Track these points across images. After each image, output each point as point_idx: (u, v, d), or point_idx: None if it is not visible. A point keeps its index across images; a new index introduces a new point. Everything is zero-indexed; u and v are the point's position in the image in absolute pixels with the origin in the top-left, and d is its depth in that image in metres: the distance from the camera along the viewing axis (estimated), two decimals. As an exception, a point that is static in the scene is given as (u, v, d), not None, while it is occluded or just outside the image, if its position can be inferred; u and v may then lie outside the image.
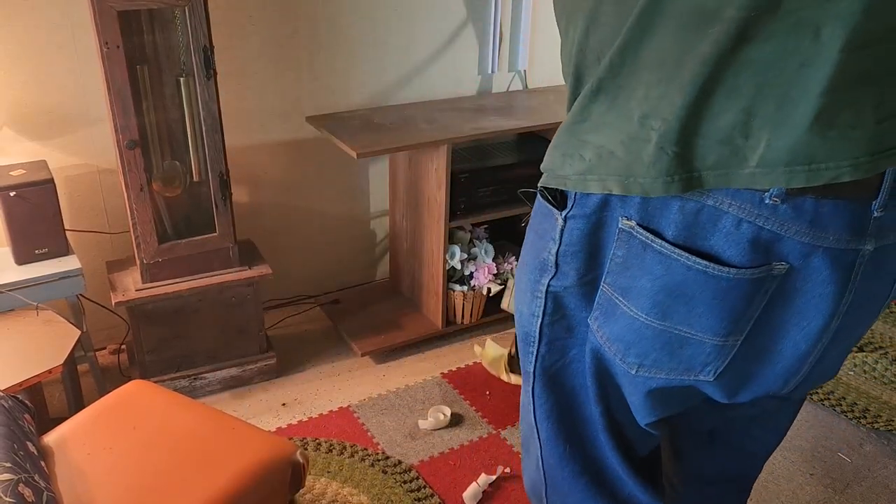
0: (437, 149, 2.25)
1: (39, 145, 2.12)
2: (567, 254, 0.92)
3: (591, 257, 0.91)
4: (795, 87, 0.73)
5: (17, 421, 1.38)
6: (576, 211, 0.89)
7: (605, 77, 0.82)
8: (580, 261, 0.92)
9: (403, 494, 1.87)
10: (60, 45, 2.04)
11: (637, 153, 0.80)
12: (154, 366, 2.15)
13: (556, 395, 1.04)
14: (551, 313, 0.98)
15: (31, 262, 1.98)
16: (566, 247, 0.91)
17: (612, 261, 0.88)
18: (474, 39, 2.66)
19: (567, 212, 0.90)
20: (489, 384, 2.31)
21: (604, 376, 0.98)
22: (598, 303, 0.92)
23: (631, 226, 0.85)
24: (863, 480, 1.97)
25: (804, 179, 0.75)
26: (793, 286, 0.83)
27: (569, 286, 0.94)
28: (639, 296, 0.87)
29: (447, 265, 2.41)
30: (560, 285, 0.95)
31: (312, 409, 2.19)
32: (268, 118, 2.41)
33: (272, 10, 2.29)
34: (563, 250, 0.92)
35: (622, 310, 0.90)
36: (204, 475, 1.37)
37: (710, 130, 0.77)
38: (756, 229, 0.79)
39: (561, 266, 0.93)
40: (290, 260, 2.63)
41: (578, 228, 0.90)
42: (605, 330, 0.93)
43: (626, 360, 0.92)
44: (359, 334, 2.46)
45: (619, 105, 0.82)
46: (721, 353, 0.87)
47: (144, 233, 2.01)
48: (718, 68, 0.74)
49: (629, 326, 0.90)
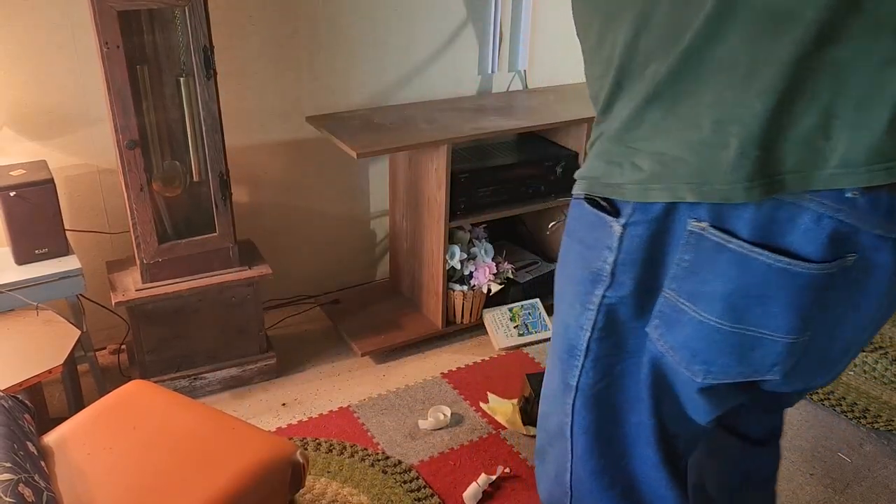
0: (437, 149, 2.25)
1: (39, 145, 2.12)
2: (626, 262, 0.89)
3: (652, 264, 0.88)
4: (875, 87, 0.73)
5: (17, 421, 1.38)
6: (637, 217, 0.86)
7: (665, 82, 0.80)
8: (639, 268, 0.89)
9: (403, 494, 1.87)
10: (60, 45, 2.04)
11: (712, 159, 0.79)
12: (154, 366, 2.15)
13: (599, 411, 1.01)
14: (602, 327, 0.95)
15: (31, 262, 1.98)
16: (626, 255, 0.89)
17: (678, 266, 0.86)
18: (474, 39, 2.66)
19: (627, 219, 0.87)
20: (489, 384, 2.31)
21: (662, 386, 0.96)
22: (659, 311, 0.90)
23: (702, 227, 0.83)
24: (863, 480, 1.97)
25: (883, 177, 0.75)
26: (854, 279, 0.83)
27: (625, 296, 0.91)
28: (710, 299, 0.85)
29: (447, 265, 2.41)
30: (615, 296, 0.92)
31: (312, 409, 2.19)
32: (268, 118, 2.41)
33: (272, 10, 2.29)
34: (623, 259, 0.89)
35: (689, 316, 0.87)
36: (204, 475, 1.37)
37: (791, 134, 0.76)
38: (836, 223, 0.79)
39: (618, 276, 0.90)
40: (290, 260, 2.63)
41: (639, 235, 0.87)
42: (669, 338, 0.90)
43: (692, 367, 0.90)
44: (359, 334, 2.46)
45: (682, 111, 0.80)
46: (792, 352, 0.87)
47: (144, 233, 2.01)
48: (799, 71, 0.74)
49: (697, 333, 0.88)
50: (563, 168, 2.51)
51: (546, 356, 2.45)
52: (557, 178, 2.52)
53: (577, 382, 1.00)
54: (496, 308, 2.55)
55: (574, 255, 0.96)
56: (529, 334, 2.53)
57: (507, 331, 2.52)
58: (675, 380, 0.94)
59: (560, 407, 1.05)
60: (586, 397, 1.00)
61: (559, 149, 2.56)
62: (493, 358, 2.45)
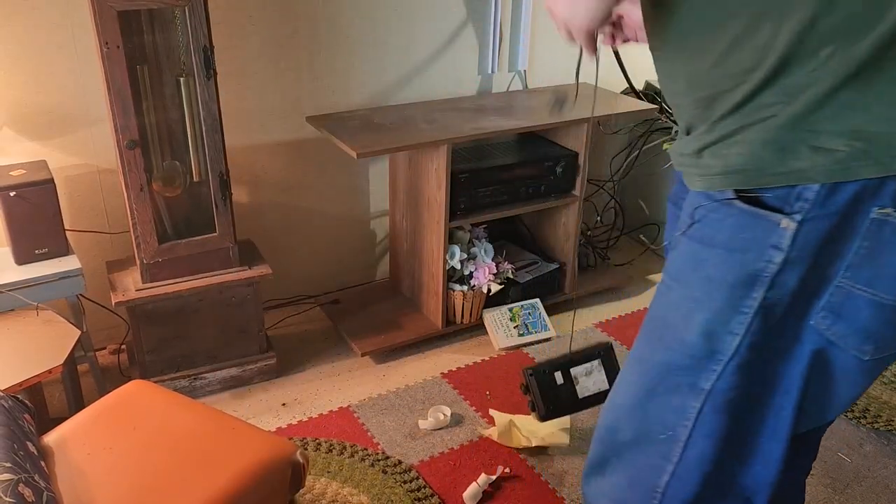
0: (437, 149, 2.25)
1: (39, 145, 2.12)
2: (796, 260, 0.87)
3: (823, 258, 0.87)
4: None
5: (17, 421, 1.38)
6: (816, 212, 0.85)
7: (868, 60, 0.80)
8: (808, 265, 0.87)
9: (403, 494, 1.87)
10: (60, 45, 2.04)
11: None
12: (154, 366, 2.15)
13: (730, 416, 0.99)
14: (756, 331, 0.93)
15: (31, 262, 1.98)
16: (798, 252, 0.87)
17: (856, 254, 0.86)
18: (474, 39, 2.66)
19: (804, 214, 0.85)
20: (489, 384, 2.31)
21: (818, 376, 0.95)
22: (829, 301, 0.90)
23: (887, 213, 0.83)
24: (863, 480, 1.97)
25: None
26: None
27: (785, 294, 0.90)
28: (890, 280, 0.86)
29: (447, 265, 2.41)
30: (775, 296, 0.90)
31: (312, 409, 2.19)
32: (268, 118, 2.41)
33: (272, 10, 2.29)
34: (795, 256, 0.87)
35: (866, 300, 0.88)
36: (204, 475, 1.37)
37: None
38: None
39: (783, 275, 0.88)
40: (290, 260, 2.63)
41: (818, 229, 0.85)
42: (840, 326, 0.90)
43: (863, 347, 0.91)
44: (359, 334, 2.46)
45: (883, 87, 0.80)
46: None
47: (144, 233, 2.01)
48: None
49: (873, 315, 0.88)
50: (563, 168, 2.51)
51: (547, 356, 2.45)
52: (557, 178, 2.52)
53: (711, 386, 0.97)
54: (496, 308, 2.55)
55: (716, 260, 0.92)
56: (529, 334, 2.53)
57: (507, 331, 2.52)
58: (838, 364, 0.94)
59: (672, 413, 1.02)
60: (720, 401, 0.98)
61: (559, 149, 2.56)
62: (493, 358, 2.45)
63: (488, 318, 2.53)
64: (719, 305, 0.93)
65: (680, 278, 1.00)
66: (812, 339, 0.93)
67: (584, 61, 2.75)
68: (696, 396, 0.99)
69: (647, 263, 3.07)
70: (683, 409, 1.00)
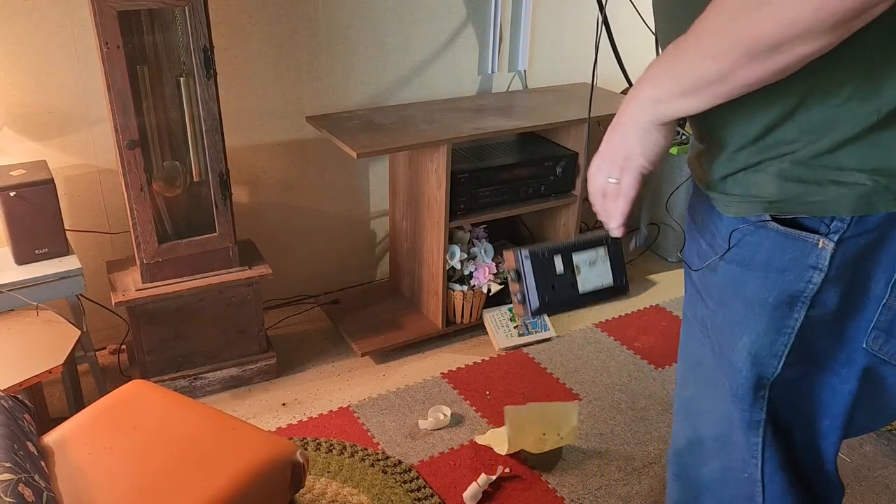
0: (437, 149, 2.25)
1: (39, 145, 2.12)
2: (836, 278, 0.87)
3: (863, 275, 0.87)
4: None
5: (17, 421, 1.38)
6: (853, 231, 0.84)
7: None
8: (848, 282, 0.87)
9: (403, 494, 1.87)
10: (61, 45, 2.05)
11: None
12: (154, 366, 2.15)
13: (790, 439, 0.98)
14: (797, 349, 0.92)
15: (31, 262, 1.98)
16: (837, 271, 0.86)
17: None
18: (474, 39, 2.66)
19: (840, 233, 0.85)
20: (489, 384, 2.31)
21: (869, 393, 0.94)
22: (879, 321, 0.89)
23: None
24: (863, 480, 1.97)
25: None
26: None
27: (826, 313, 0.89)
28: None
29: (447, 265, 2.41)
30: (817, 314, 0.90)
31: (312, 409, 2.19)
32: (268, 118, 2.41)
33: (272, 10, 2.29)
34: (834, 275, 0.86)
35: None
36: (204, 475, 1.37)
37: None
38: None
39: (823, 293, 0.88)
40: (290, 260, 2.63)
41: (857, 246, 0.85)
42: (892, 344, 0.90)
43: None
44: (359, 334, 2.46)
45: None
46: None
47: (144, 233, 2.01)
48: None
49: None
50: (563, 168, 2.51)
51: (547, 357, 2.46)
52: (557, 177, 2.52)
53: (764, 416, 0.97)
54: (496, 308, 2.55)
55: (757, 283, 0.92)
56: (529, 334, 2.53)
57: (507, 331, 2.52)
58: (888, 383, 0.94)
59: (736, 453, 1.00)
60: (775, 429, 0.97)
61: (559, 149, 2.56)
62: (493, 358, 2.45)
63: (488, 318, 2.53)
64: (762, 327, 0.93)
65: (722, 302, 0.98)
66: (861, 358, 0.92)
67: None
68: (755, 430, 0.98)
69: (647, 263, 3.07)
70: (747, 446, 0.99)
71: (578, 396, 2.26)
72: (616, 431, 2.12)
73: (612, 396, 2.27)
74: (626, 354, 2.48)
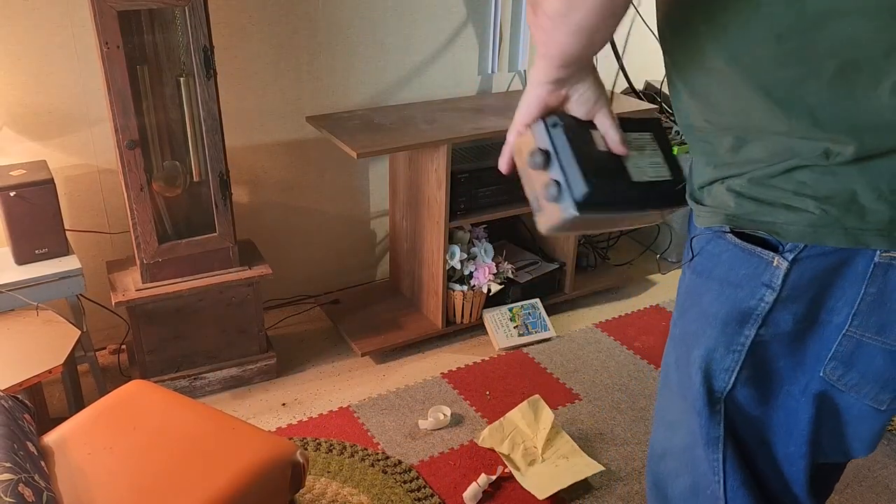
0: (437, 149, 2.25)
1: (39, 145, 2.12)
2: (789, 299, 0.84)
3: (820, 298, 0.84)
4: None
5: (17, 421, 1.38)
6: (810, 251, 0.81)
7: None
8: (804, 305, 0.84)
9: (403, 494, 1.87)
10: (61, 45, 2.05)
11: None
12: (154, 366, 2.15)
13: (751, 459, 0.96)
14: (750, 366, 0.89)
15: (31, 262, 1.98)
16: (790, 291, 0.83)
17: (863, 300, 0.82)
18: (474, 39, 2.66)
19: (796, 253, 0.82)
20: (489, 384, 2.31)
21: (827, 421, 0.92)
22: (837, 351, 0.86)
23: (893, 257, 0.79)
24: (863, 480, 1.97)
25: None
26: None
27: (780, 334, 0.87)
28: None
29: (447, 265, 2.41)
30: (769, 334, 0.87)
31: (312, 409, 2.19)
32: (268, 118, 2.41)
33: (272, 10, 2.29)
34: (786, 296, 0.84)
35: (877, 349, 0.84)
36: (204, 475, 1.37)
37: None
38: None
39: (775, 314, 0.85)
40: (290, 260, 2.63)
41: (813, 268, 0.82)
42: (852, 376, 0.87)
43: (879, 397, 0.87)
44: (359, 334, 2.46)
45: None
46: None
47: (144, 233, 2.01)
48: None
49: (889, 364, 0.85)
50: (563, 168, 2.51)
51: (547, 356, 2.46)
52: (557, 178, 2.51)
53: (722, 432, 0.94)
54: (496, 308, 2.55)
55: (712, 295, 0.90)
56: (529, 334, 2.53)
57: (507, 331, 2.52)
58: (852, 411, 0.91)
59: (699, 467, 0.98)
60: (734, 448, 0.95)
61: (559, 149, 2.55)
62: (493, 358, 2.45)
63: (488, 318, 2.53)
64: (713, 342, 0.91)
65: (682, 311, 0.97)
66: (818, 386, 0.90)
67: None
68: (715, 446, 0.96)
69: (647, 263, 3.07)
70: (709, 461, 0.97)
71: (578, 396, 2.26)
72: (616, 431, 2.12)
73: (612, 396, 2.27)
74: (626, 354, 2.48)
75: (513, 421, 2.04)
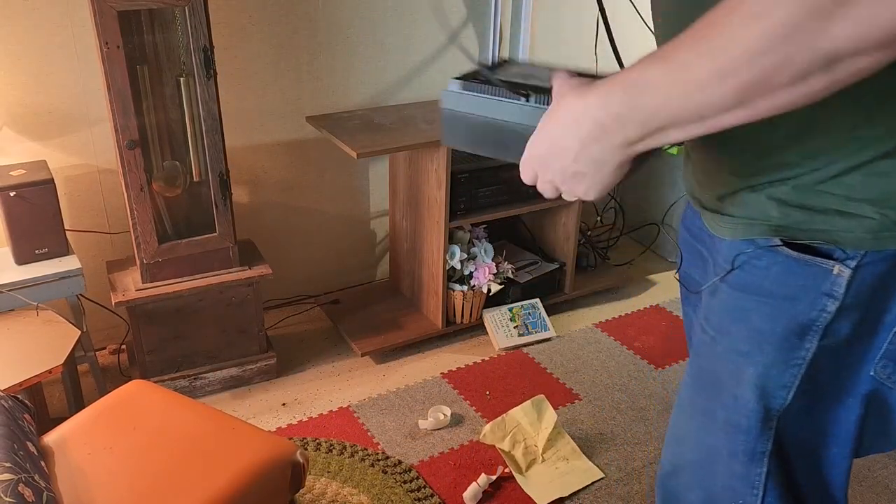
0: (437, 149, 2.25)
1: (39, 145, 2.12)
2: (851, 307, 0.82)
3: (879, 303, 0.83)
4: None
5: (17, 421, 1.38)
6: (871, 257, 0.79)
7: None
8: (863, 311, 0.83)
9: (403, 494, 1.87)
10: (61, 45, 2.04)
11: None
12: (154, 366, 2.15)
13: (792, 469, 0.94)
14: (808, 383, 0.87)
15: (31, 262, 1.98)
16: (853, 298, 0.81)
17: None
18: (474, 39, 2.66)
19: (858, 260, 0.79)
20: (489, 384, 2.31)
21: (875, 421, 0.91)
22: (889, 349, 0.85)
23: None
24: (863, 480, 1.97)
25: None
26: None
27: (839, 341, 0.85)
28: None
29: (447, 265, 2.41)
30: (829, 344, 0.85)
31: (312, 409, 2.19)
32: (268, 118, 2.41)
33: (272, 10, 2.29)
34: (850, 303, 0.81)
35: None
36: (204, 475, 1.37)
37: None
38: None
39: (836, 322, 0.83)
40: (290, 260, 2.63)
41: (874, 273, 0.80)
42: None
43: None
44: (359, 334, 2.46)
45: None
46: None
47: (144, 233, 2.01)
48: None
49: None
50: (563, 168, 2.51)
51: (547, 356, 2.45)
52: (557, 178, 2.52)
53: (770, 447, 0.92)
54: (496, 308, 2.55)
55: (762, 310, 0.86)
56: (529, 334, 2.53)
57: (507, 331, 2.52)
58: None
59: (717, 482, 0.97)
60: (779, 460, 0.93)
61: (559, 149, 2.56)
62: (493, 358, 2.45)
63: (488, 318, 2.53)
64: (769, 359, 0.88)
65: (723, 330, 0.93)
66: (867, 385, 0.89)
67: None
68: (758, 462, 0.94)
69: (647, 263, 3.07)
70: (748, 476, 0.95)
71: (578, 396, 2.26)
72: (616, 431, 2.12)
73: (612, 396, 2.27)
74: (626, 354, 2.48)
75: (515, 418, 2.04)
